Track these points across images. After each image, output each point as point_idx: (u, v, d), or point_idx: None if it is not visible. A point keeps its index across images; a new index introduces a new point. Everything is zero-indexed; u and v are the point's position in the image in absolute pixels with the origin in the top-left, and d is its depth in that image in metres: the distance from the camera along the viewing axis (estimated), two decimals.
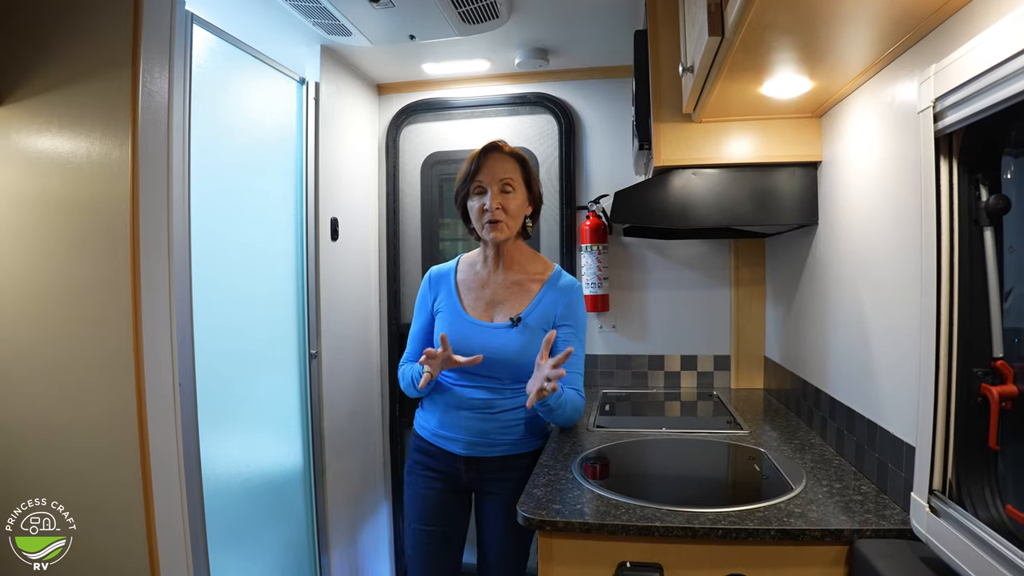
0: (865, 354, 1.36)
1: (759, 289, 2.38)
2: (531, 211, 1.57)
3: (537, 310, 1.55)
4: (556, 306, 1.56)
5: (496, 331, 1.53)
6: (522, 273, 1.60)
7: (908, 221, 1.14)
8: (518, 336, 1.52)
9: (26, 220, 1.30)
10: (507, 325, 1.53)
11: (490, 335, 1.53)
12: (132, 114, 1.32)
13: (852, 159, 1.45)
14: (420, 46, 2.20)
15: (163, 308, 1.38)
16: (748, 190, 1.72)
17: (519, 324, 1.52)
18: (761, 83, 1.34)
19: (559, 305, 1.56)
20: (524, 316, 1.53)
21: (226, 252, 1.79)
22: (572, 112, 2.50)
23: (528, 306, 1.55)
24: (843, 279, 1.52)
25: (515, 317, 1.53)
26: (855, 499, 1.22)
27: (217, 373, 1.72)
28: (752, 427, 1.79)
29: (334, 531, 2.21)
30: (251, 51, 1.85)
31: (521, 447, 1.57)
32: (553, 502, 1.23)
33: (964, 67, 0.84)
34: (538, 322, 1.53)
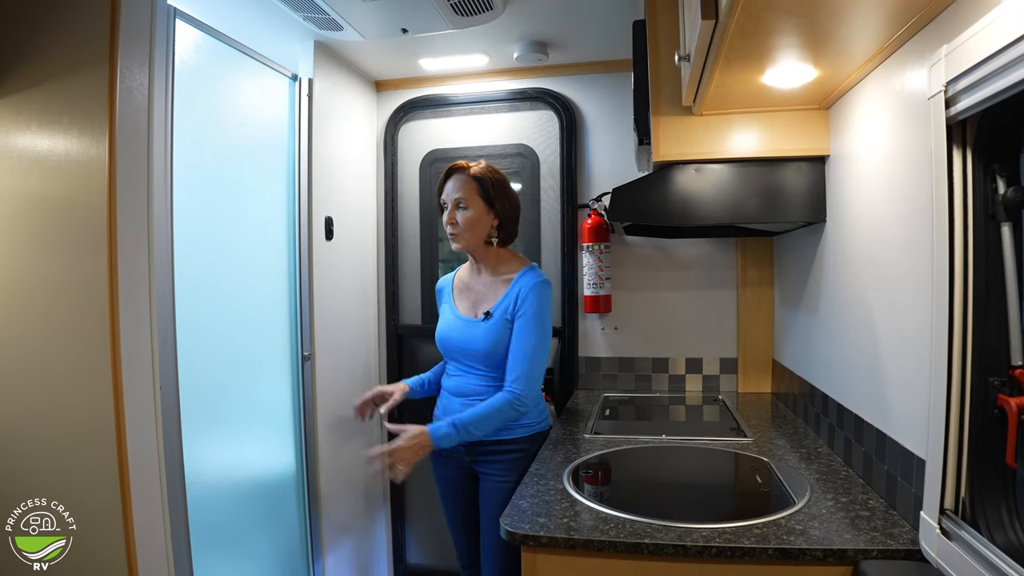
0: (873, 359, 1.28)
1: (767, 290, 2.29)
2: (497, 223, 1.69)
3: (503, 304, 1.66)
4: (514, 299, 1.65)
5: (475, 324, 1.68)
6: (499, 274, 1.73)
7: (919, 216, 1.06)
8: (488, 329, 1.65)
9: (2, 217, 1.28)
10: (482, 319, 1.67)
11: (470, 328, 1.69)
12: (109, 111, 1.31)
13: (861, 152, 1.36)
14: (416, 41, 2.14)
15: (142, 309, 1.36)
16: (752, 186, 1.64)
17: (489, 318, 1.66)
18: (762, 71, 1.27)
19: (516, 298, 1.65)
20: (492, 311, 1.66)
21: (215, 252, 1.75)
22: (573, 108, 2.43)
23: (497, 301, 1.67)
24: (851, 279, 1.44)
25: (487, 311, 1.67)
26: (862, 514, 1.14)
27: (205, 374, 1.68)
28: (757, 434, 1.71)
29: (329, 536, 2.16)
30: (239, 47, 1.81)
31: (510, 432, 1.64)
32: (539, 515, 1.17)
33: (979, 45, 0.76)
34: (502, 315, 1.65)
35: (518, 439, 1.64)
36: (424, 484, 2.45)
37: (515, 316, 1.63)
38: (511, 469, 1.61)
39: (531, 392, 1.61)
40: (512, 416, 1.60)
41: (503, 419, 1.59)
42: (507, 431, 1.64)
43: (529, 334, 1.61)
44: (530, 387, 1.60)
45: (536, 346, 1.61)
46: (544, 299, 1.64)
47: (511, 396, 1.58)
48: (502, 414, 1.58)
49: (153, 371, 1.37)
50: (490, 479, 1.65)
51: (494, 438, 1.63)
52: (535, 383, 1.62)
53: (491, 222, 1.68)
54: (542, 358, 1.63)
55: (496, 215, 1.68)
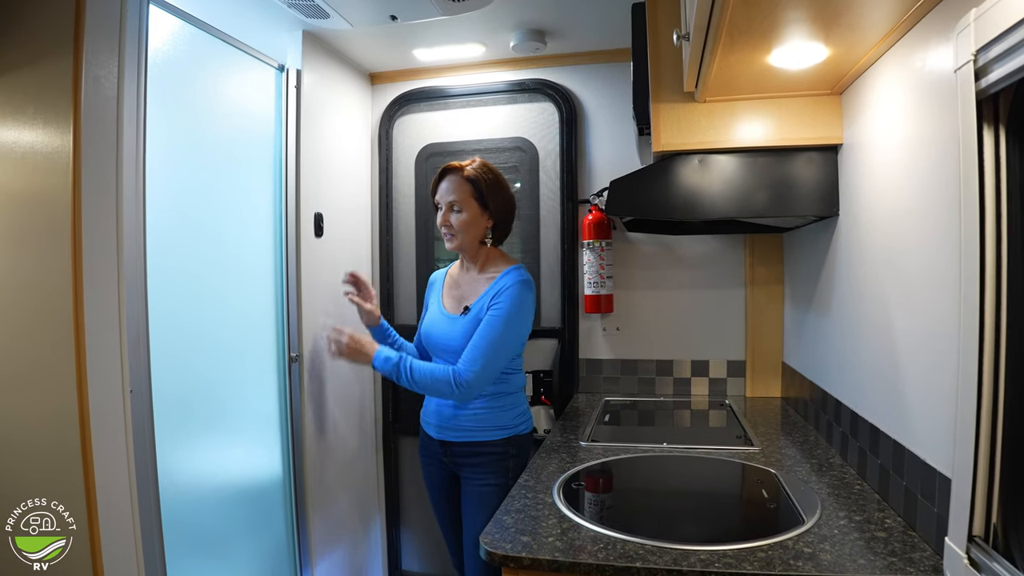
0: (891, 363, 1.17)
1: (777, 289, 2.18)
2: (492, 223, 1.66)
3: (481, 301, 1.61)
4: (492, 295, 1.60)
5: (455, 320, 1.64)
6: (485, 272, 1.68)
7: (945, 205, 0.96)
8: (465, 324, 1.60)
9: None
10: (461, 315, 1.64)
11: (450, 323, 1.65)
12: (75, 101, 1.26)
13: (877, 140, 1.26)
14: (408, 29, 2.06)
15: (110, 308, 1.30)
16: (760, 178, 1.54)
17: (467, 313, 1.62)
18: (768, 51, 1.17)
19: (494, 294, 1.60)
20: (472, 306, 1.62)
21: (196, 248, 1.67)
22: (573, 99, 2.33)
23: (477, 298, 1.62)
24: (866, 277, 1.33)
25: (466, 307, 1.63)
26: (877, 536, 1.03)
27: (186, 376, 1.62)
28: (765, 443, 1.60)
29: (319, 544, 2.08)
30: (221, 35, 1.73)
31: (487, 434, 1.60)
32: (523, 532, 1.08)
33: (1014, 5, 0.66)
34: (478, 311, 1.60)
35: (493, 441, 1.60)
36: (421, 488, 2.37)
37: (488, 308, 1.58)
38: (490, 472, 1.58)
39: (477, 381, 1.52)
40: (446, 392, 1.54)
41: (436, 389, 1.55)
42: (481, 432, 1.60)
43: (496, 326, 1.54)
44: (479, 376, 1.51)
45: (499, 338, 1.53)
46: (521, 299, 1.56)
47: (453, 373, 1.52)
48: (437, 384, 1.54)
49: (123, 373, 1.31)
50: (471, 482, 1.62)
51: (468, 439, 1.60)
52: (485, 375, 1.52)
53: (486, 223, 1.66)
54: (502, 353, 1.54)
55: (491, 216, 1.66)
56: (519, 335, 1.59)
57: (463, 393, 1.53)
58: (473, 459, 1.61)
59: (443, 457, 1.67)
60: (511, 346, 1.57)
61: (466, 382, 1.51)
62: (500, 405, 1.62)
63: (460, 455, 1.63)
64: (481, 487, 1.59)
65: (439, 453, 1.68)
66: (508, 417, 1.63)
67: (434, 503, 1.80)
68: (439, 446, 1.67)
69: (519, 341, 1.60)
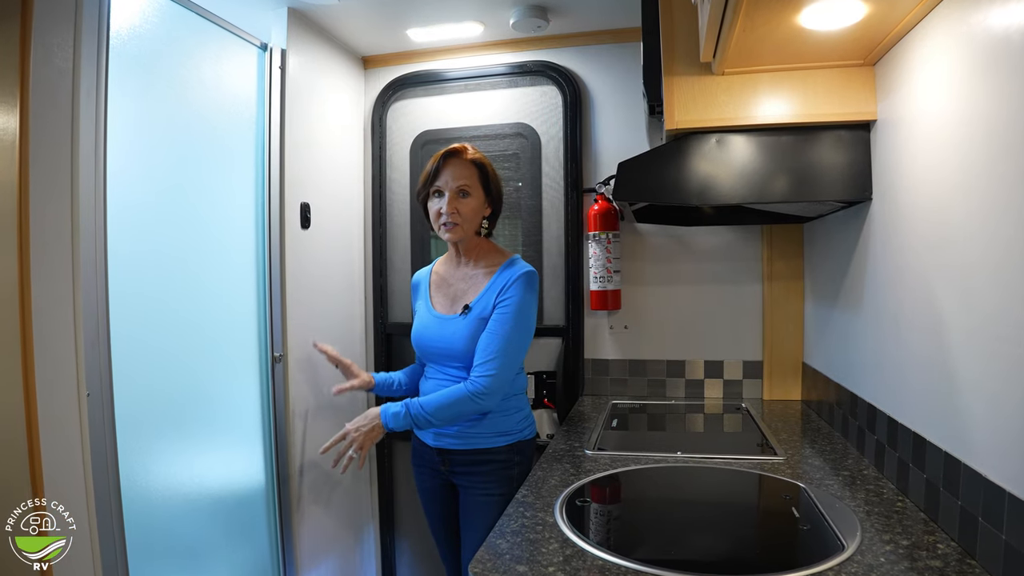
0: (941, 363, 1.03)
1: (796, 284, 2.03)
2: (490, 212, 1.58)
3: (484, 298, 1.50)
4: (497, 290, 1.49)
5: (451, 321, 1.52)
6: (480, 267, 1.57)
7: (1007, 183, 0.81)
8: (467, 325, 1.49)
9: None
10: (460, 315, 1.51)
11: (447, 325, 1.53)
12: (21, 74, 1.13)
13: (919, 114, 1.11)
14: (401, 7, 1.93)
15: (63, 304, 1.18)
16: (784, 159, 1.39)
17: (468, 312, 1.50)
18: (799, 8, 1.02)
19: (499, 289, 1.49)
20: (472, 304, 1.50)
21: (170, 241, 1.54)
22: (578, 82, 2.19)
23: (478, 295, 1.51)
24: (908, 266, 1.18)
25: (466, 305, 1.51)
26: (932, 564, 0.89)
27: (156, 378, 1.49)
28: (789, 451, 1.46)
29: (306, 555, 1.95)
30: (195, 8, 1.60)
31: (490, 441, 1.49)
32: (519, 560, 0.94)
33: None
34: (483, 310, 1.48)
35: (496, 449, 1.49)
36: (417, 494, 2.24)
37: (496, 306, 1.46)
38: (492, 481, 1.47)
39: (498, 385, 1.42)
40: (471, 410, 1.43)
41: (460, 412, 1.44)
42: (483, 438, 1.48)
43: (507, 322, 1.44)
44: (498, 380, 1.41)
45: (513, 336, 1.43)
46: (530, 290, 1.47)
47: (472, 388, 1.42)
48: (459, 406, 1.43)
49: (78, 375, 1.19)
50: (470, 492, 1.51)
51: (469, 447, 1.49)
52: (504, 376, 1.43)
53: (484, 211, 1.58)
54: (518, 352, 1.46)
55: (490, 203, 1.58)
56: (529, 330, 1.50)
57: (488, 401, 1.42)
58: (474, 468, 1.50)
59: (440, 466, 1.56)
60: (523, 342, 1.48)
61: (487, 389, 1.41)
62: (503, 409, 1.50)
63: (460, 463, 1.52)
64: (483, 498, 1.48)
65: (436, 461, 1.56)
66: (512, 422, 1.51)
67: (429, 515, 1.67)
68: (436, 454, 1.55)
69: (531, 336, 1.51)
